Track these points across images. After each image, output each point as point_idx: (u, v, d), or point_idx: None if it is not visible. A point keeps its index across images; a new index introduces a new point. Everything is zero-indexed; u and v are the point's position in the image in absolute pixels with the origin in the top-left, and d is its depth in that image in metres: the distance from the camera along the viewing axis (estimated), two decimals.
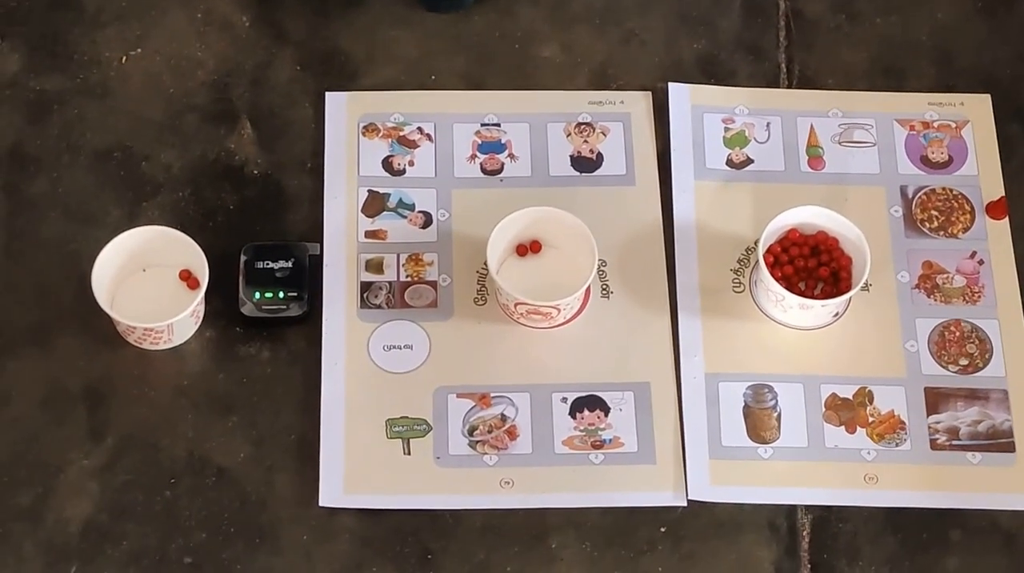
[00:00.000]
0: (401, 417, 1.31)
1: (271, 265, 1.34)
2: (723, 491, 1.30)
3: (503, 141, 1.44)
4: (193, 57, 1.46)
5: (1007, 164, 1.44)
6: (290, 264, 1.34)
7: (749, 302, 1.38)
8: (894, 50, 1.49)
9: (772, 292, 1.34)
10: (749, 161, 1.43)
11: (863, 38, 1.50)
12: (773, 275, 1.35)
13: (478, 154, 1.43)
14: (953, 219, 1.42)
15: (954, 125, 1.46)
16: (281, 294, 1.33)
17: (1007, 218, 1.42)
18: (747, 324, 1.37)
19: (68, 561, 1.26)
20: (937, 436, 1.33)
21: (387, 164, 1.42)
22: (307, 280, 1.34)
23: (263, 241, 1.37)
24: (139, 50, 1.46)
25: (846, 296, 1.33)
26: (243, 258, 1.34)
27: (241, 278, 1.34)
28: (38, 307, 1.34)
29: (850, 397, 1.35)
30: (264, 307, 1.33)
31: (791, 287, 1.36)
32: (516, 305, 1.33)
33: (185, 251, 1.32)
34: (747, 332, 1.37)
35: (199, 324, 1.33)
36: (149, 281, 1.34)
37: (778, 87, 1.47)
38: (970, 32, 1.50)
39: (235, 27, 1.47)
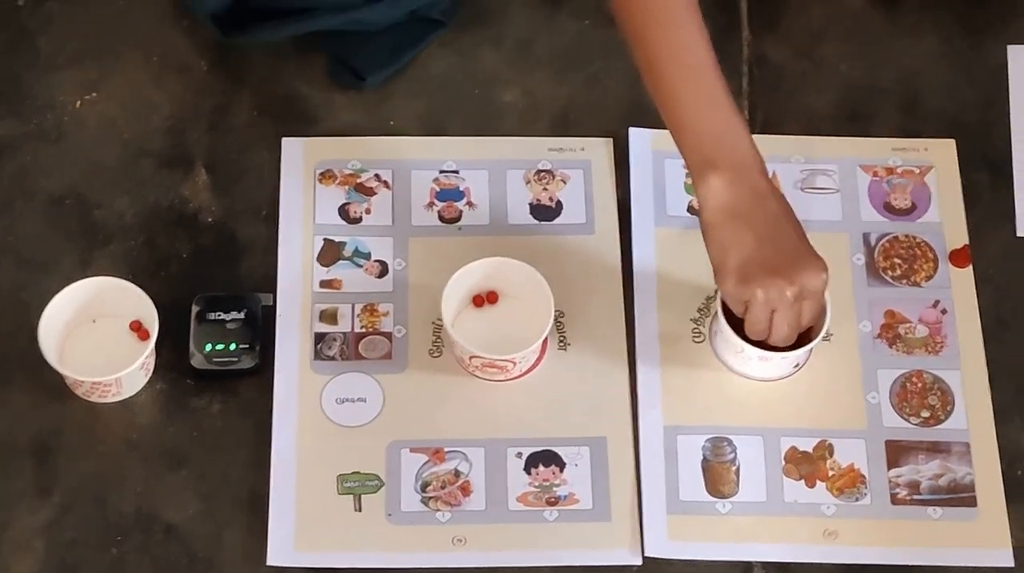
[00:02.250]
0: (353, 472, 1.29)
1: (223, 316, 1.33)
2: (680, 547, 1.28)
3: (462, 188, 1.42)
4: (149, 101, 1.44)
5: (971, 211, 1.42)
6: (242, 315, 1.33)
7: (709, 352, 1.36)
8: (859, 95, 1.48)
9: (731, 343, 1.32)
10: None
11: (827, 83, 1.48)
12: (732, 325, 1.34)
13: (436, 202, 1.41)
14: (916, 267, 1.40)
15: (918, 171, 1.44)
16: (232, 346, 1.32)
17: (971, 267, 1.40)
18: (707, 375, 1.35)
19: None
20: (898, 490, 1.31)
21: (343, 212, 1.40)
22: (259, 332, 1.33)
23: (216, 291, 1.35)
24: (95, 94, 1.44)
25: (806, 348, 1.31)
26: (194, 309, 1.33)
27: (192, 330, 1.33)
28: None
29: (810, 450, 1.33)
30: (215, 359, 1.31)
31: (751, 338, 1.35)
32: (471, 358, 1.31)
33: (135, 302, 1.30)
34: (707, 383, 1.35)
35: (149, 376, 1.32)
36: (99, 332, 1.32)
37: None
38: (936, 77, 1.49)
39: (192, 71, 1.46)
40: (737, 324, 1.34)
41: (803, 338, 1.34)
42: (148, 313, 1.30)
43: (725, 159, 1.24)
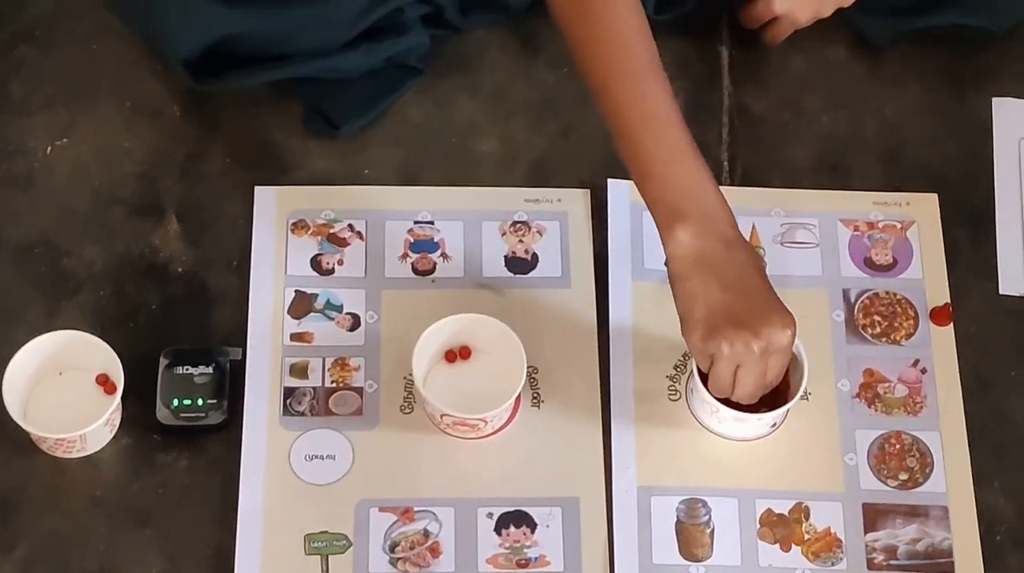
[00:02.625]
0: (321, 532, 1.27)
1: (191, 370, 1.31)
2: None
3: (436, 239, 1.40)
4: (121, 147, 1.42)
5: (953, 268, 1.40)
6: (210, 369, 1.30)
7: (685, 411, 1.34)
8: (840, 147, 1.46)
9: (706, 403, 1.30)
10: None
11: (808, 135, 1.46)
12: (708, 384, 1.32)
13: (410, 253, 1.39)
14: (896, 325, 1.39)
15: (899, 226, 1.43)
16: (200, 401, 1.29)
17: (951, 325, 1.39)
18: (682, 434, 1.33)
19: None
20: (874, 555, 1.29)
21: (316, 263, 1.38)
22: (227, 387, 1.30)
23: (185, 343, 1.33)
24: (66, 140, 1.42)
25: (783, 409, 1.30)
26: (162, 362, 1.31)
27: (159, 383, 1.30)
28: None
29: (786, 513, 1.30)
30: (182, 415, 1.29)
31: (726, 397, 1.33)
32: (442, 416, 1.29)
33: (102, 356, 1.28)
34: (682, 442, 1.33)
35: (115, 431, 1.30)
36: (65, 385, 1.30)
37: (720, 185, 1.43)
38: (918, 129, 1.47)
39: (165, 117, 1.44)
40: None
41: (781, 398, 1.33)
42: (114, 368, 1.28)
43: (693, 209, 1.22)
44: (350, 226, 1.40)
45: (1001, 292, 1.40)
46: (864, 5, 1.45)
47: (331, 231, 1.40)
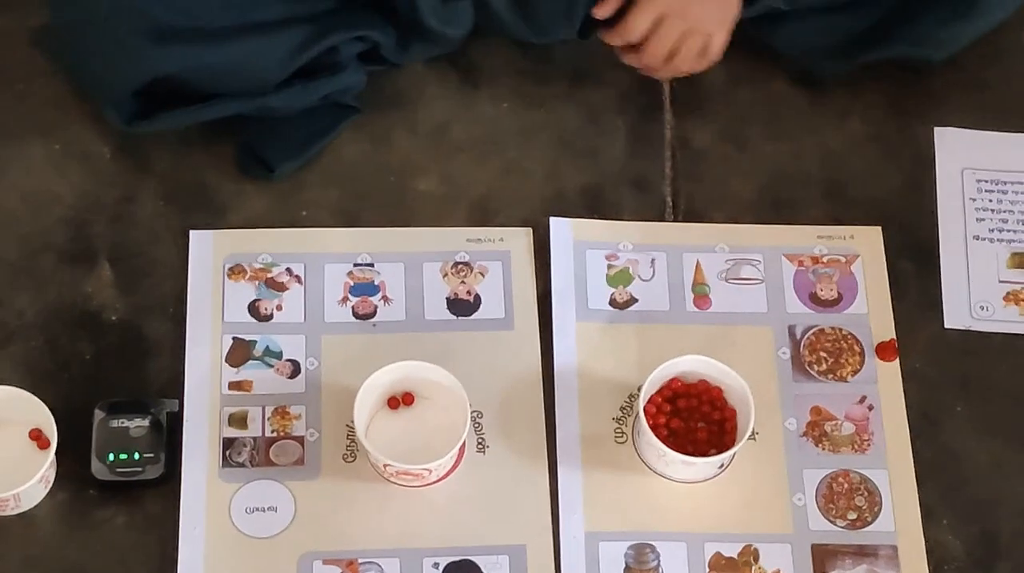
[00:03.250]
0: None
1: (126, 423, 1.27)
2: None
3: (376, 282, 1.37)
4: (50, 192, 1.38)
5: (898, 302, 1.39)
6: (146, 422, 1.27)
7: (632, 453, 1.32)
8: (783, 181, 1.45)
9: (653, 446, 1.29)
10: (633, 300, 1.38)
11: (752, 168, 1.45)
12: (655, 427, 1.30)
13: (350, 297, 1.36)
14: (842, 361, 1.37)
15: (844, 260, 1.42)
16: (136, 455, 1.26)
17: (898, 360, 1.38)
18: (630, 477, 1.31)
19: None
20: None
21: (253, 309, 1.35)
22: (164, 439, 1.27)
23: (121, 394, 1.30)
24: None
25: (729, 452, 1.28)
26: (97, 415, 1.27)
27: (94, 437, 1.27)
28: None
29: (735, 556, 1.29)
30: (118, 470, 1.26)
31: (674, 440, 1.31)
32: (385, 466, 1.27)
33: (35, 411, 1.25)
34: (630, 486, 1.31)
35: (49, 487, 1.26)
36: None
37: (664, 220, 1.43)
38: (861, 161, 1.46)
39: (95, 159, 1.40)
40: (659, 427, 1.32)
41: (728, 439, 1.31)
42: (47, 422, 1.24)
43: None
44: (288, 270, 1.37)
45: (946, 326, 1.40)
46: (808, 46, 1.44)
47: (269, 275, 1.37)
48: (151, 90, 1.36)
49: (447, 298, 1.37)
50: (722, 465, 1.32)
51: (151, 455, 1.27)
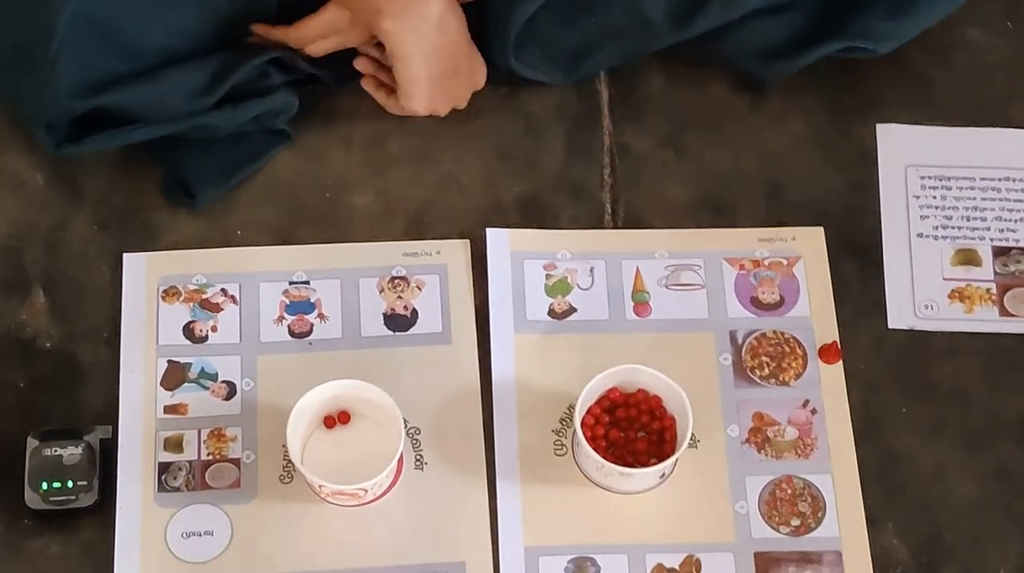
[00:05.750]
0: None
1: (59, 451, 1.26)
2: None
3: (312, 300, 1.36)
4: None
5: (841, 304, 1.38)
6: (79, 449, 1.26)
7: (571, 466, 1.31)
8: (723, 184, 1.43)
9: (591, 458, 1.28)
10: (572, 310, 1.37)
11: (691, 173, 1.43)
12: (593, 438, 1.29)
13: (286, 315, 1.35)
14: (785, 365, 1.36)
15: (786, 262, 1.40)
16: (70, 483, 1.25)
17: (841, 363, 1.36)
18: (569, 490, 1.30)
19: None
20: None
21: (188, 331, 1.34)
22: (98, 466, 1.26)
23: (55, 423, 1.29)
24: None
25: (667, 462, 1.27)
26: (30, 444, 1.26)
27: (27, 466, 1.26)
28: None
29: (677, 567, 1.27)
30: (52, 498, 1.25)
31: (614, 450, 1.30)
32: (320, 486, 1.26)
33: None
34: (569, 499, 1.30)
35: None
36: None
37: (603, 227, 1.41)
38: (802, 162, 1.44)
39: (28, 185, 1.39)
40: (597, 438, 1.30)
41: (667, 448, 1.31)
42: None
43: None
44: (223, 290, 1.36)
45: (890, 326, 1.38)
46: (746, 50, 1.42)
47: (203, 297, 1.36)
48: (80, 114, 1.35)
49: (384, 314, 1.36)
50: (663, 474, 1.30)
51: (84, 483, 1.26)
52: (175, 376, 1.33)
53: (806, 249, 1.41)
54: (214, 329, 1.35)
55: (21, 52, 1.32)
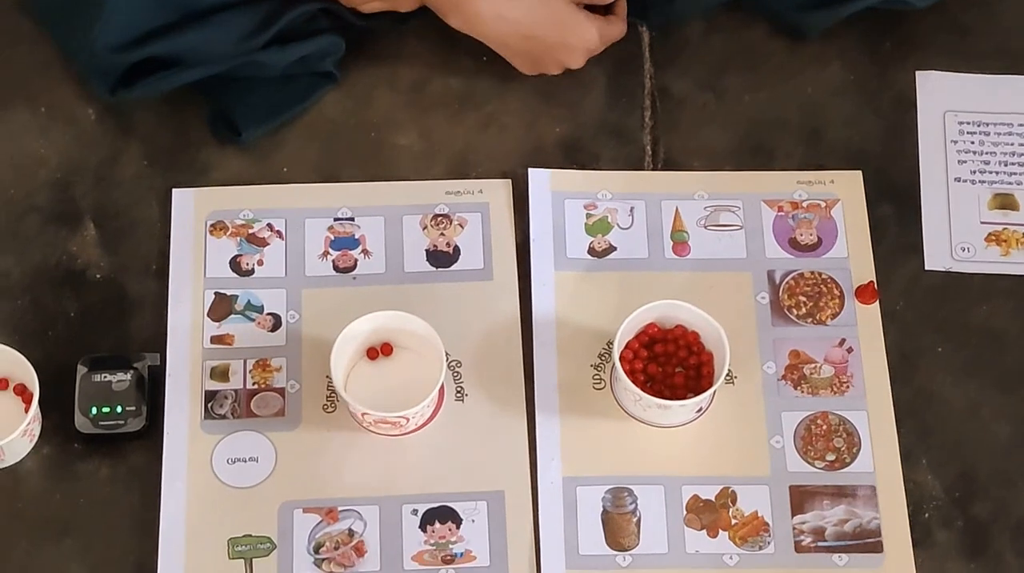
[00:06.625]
0: (244, 536, 1.26)
1: (108, 377, 1.29)
2: None
3: (356, 236, 1.38)
4: (35, 155, 1.40)
5: (878, 246, 1.39)
6: (128, 376, 1.29)
7: (609, 400, 1.33)
8: (762, 128, 1.44)
9: (629, 391, 1.29)
10: (612, 248, 1.39)
11: (730, 116, 1.45)
12: (632, 373, 1.31)
13: (331, 251, 1.38)
14: (822, 305, 1.38)
15: (824, 204, 1.42)
16: (119, 408, 1.28)
17: (877, 303, 1.38)
18: (607, 423, 1.32)
19: None
20: (802, 537, 1.28)
21: (235, 264, 1.37)
22: (146, 393, 1.29)
23: (105, 350, 1.32)
24: None
25: (704, 395, 1.28)
26: (80, 370, 1.29)
27: (77, 392, 1.29)
28: None
29: (712, 498, 1.30)
30: (101, 423, 1.28)
31: (652, 384, 1.32)
32: (363, 414, 1.28)
33: (17, 366, 1.27)
34: (607, 432, 1.32)
35: (35, 442, 1.28)
36: None
37: (643, 170, 1.43)
38: (841, 107, 1.45)
39: (80, 122, 1.42)
40: (636, 372, 1.32)
41: (704, 383, 1.32)
42: (30, 377, 1.26)
43: None
44: (269, 225, 1.39)
45: (927, 268, 1.39)
46: (786, 1, 1.44)
47: (250, 231, 1.38)
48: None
49: (426, 250, 1.38)
50: (700, 409, 1.32)
51: (133, 408, 1.29)
52: (222, 308, 1.35)
53: (844, 192, 1.42)
54: (260, 263, 1.37)
55: (72, 5, 1.35)
